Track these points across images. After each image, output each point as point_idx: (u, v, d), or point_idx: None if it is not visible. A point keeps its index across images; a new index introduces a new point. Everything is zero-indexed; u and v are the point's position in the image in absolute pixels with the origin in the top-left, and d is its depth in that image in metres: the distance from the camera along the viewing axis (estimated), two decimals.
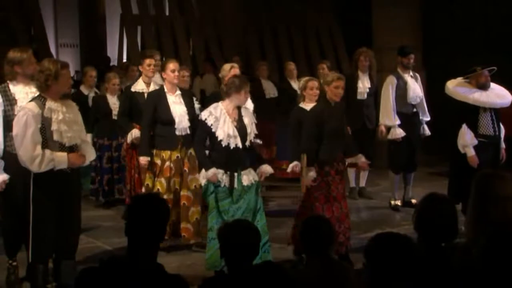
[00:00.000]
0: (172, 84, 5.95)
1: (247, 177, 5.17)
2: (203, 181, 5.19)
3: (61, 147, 4.50)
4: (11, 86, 5.00)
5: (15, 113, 4.80)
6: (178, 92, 6.01)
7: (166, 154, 5.90)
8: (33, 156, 4.40)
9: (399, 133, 7.33)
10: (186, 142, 5.92)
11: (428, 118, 7.62)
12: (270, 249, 5.20)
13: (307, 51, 12.51)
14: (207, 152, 5.32)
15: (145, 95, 6.44)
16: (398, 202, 7.64)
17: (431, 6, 10.62)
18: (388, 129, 7.41)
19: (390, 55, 8.37)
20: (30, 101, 4.60)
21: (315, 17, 12.61)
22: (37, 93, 4.66)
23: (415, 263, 2.79)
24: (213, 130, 5.08)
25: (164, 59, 7.49)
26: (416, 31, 10.17)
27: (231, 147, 5.09)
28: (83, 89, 8.32)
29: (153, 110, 5.91)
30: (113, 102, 7.68)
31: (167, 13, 12.17)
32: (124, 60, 11.68)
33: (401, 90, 7.38)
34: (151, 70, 6.62)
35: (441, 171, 8.71)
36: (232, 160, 5.09)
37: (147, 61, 6.55)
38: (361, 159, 5.79)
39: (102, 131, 7.78)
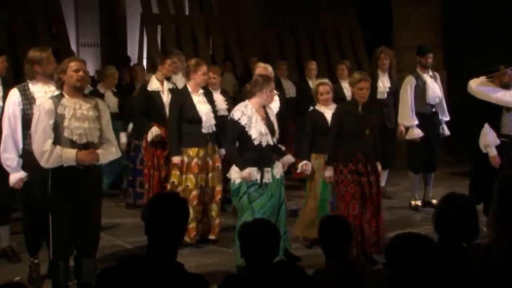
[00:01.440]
0: (197, 85, 6.13)
1: (278, 170, 5.38)
2: (237, 180, 5.27)
3: (73, 144, 4.49)
4: (30, 85, 5.05)
5: (34, 112, 4.85)
6: (201, 91, 6.19)
7: (193, 151, 6.06)
8: (42, 151, 4.44)
9: (417, 133, 7.29)
10: (212, 140, 6.15)
11: (447, 118, 7.57)
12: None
13: (327, 51, 12.47)
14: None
15: (161, 93, 6.60)
16: (418, 202, 7.59)
17: (452, 5, 10.53)
18: (407, 129, 7.37)
19: (409, 55, 8.32)
20: (49, 98, 4.64)
21: (334, 17, 12.58)
22: (57, 92, 4.71)
23: (435, 263, 2.77)
24: (246, 129, 5.22)
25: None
26: (437, 30, 10.10)
27: (263, 145, 5.23)
28: (100, 88, 8.38)
29: (180, 109, 6.06)
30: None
31: (187, 13, 12.20)
32: (145, 59, 11.76)
33: (420, 90, 7.34)
34: (171, 70, 6.73)
35: (461, 171, 8.63)
36: (264, 157, 5.26)
37: (169, 60, 6.75)
38: (378, 167, 5.77)
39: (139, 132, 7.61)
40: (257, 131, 5.21)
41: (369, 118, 5.66)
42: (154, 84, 6.74)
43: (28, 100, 5.00)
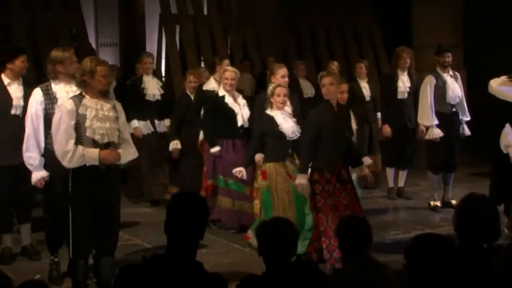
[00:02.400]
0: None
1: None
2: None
3: (95, 144, 4.53)
4: (53, 85, 5.09)
5: (55, 111, 4.88)
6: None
7: None
8: (65, 151, 4.46)
9: (437, 133, 7.24)
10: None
11: (468, 118, 7.51)
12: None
13: (346, 51, 12.42)
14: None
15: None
16: (438, 203, 7.54)
17: (473, 4, 10.43)
18: (427, 129, 7.33)
19: (429, 55, 8.26)
20: (69, 98, 4.67)
21: (354, 16, 12.52)
22: (78, 92, 4.73)
23: (456, 264, 2.75)
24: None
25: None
26: (458, 29, 10.02)
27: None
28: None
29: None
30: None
31: (205, 13, 12.22)
32: (163, 58, 11.80)
33: (440, 89, 7.29)
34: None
35: (481, 171, 8.56)
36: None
37: (227, 61, 7.22)
38: (365, 170, 5.60)
39: None
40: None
41: (346, 119, 5.53)
42: (210, 84, 7.06)
43: (50, 99, 5.04)
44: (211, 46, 11.46)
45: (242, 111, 6.52)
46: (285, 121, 5.81)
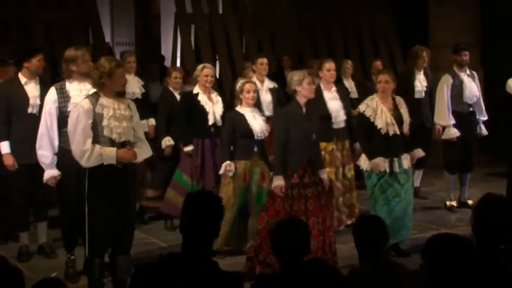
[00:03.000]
0: (328, 82, 6.48)
1: (406, 161, 5.64)
2: (365, 168, 5.65)
3: (112, 143, 4.55)
4: (67, 84, 5.13)
5: (69, 110, 4.91)
6: (334, 88, 6.55)
7: (322, 145, 6.19)
8: (83, 150, 4.48)
9: (454, 132, 7.19)
10: (342, 136, 6.49)
11: (485, 118, 7.44)
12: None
13: (361, 50, 12.37)
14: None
15: (259, 92, 6.94)
16: (454, 203, 7.49)
17: (490, 2, 10.35)
18: (444, 128, 7.28)
19: (446, 54, 8.20)
20: (85, 97, 4.69)
21: (369, 15, 12.47)
22: (92, 90, 4.75)
23: (473, 265, 2.73)
24: (371, 120, 5.57)
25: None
26: (475, 28, 9.94)
27: (390, 135, 5.54)
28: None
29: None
30: None
31: (220, 12, 12.23)
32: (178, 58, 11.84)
33: (457, 89, 7.24)
34: (263, 69, 7.23)
35: (499, 171, 8.48)
36: (392, 147, 5.53)
37: (260, 60, 7.19)
38: (323, 174, 5.39)
39: None
40: (383, 121, 5.45)
41: (315, 121, 5.40)
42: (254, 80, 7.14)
43: (64, 98, 5.08)
44: (226, 45, 11.47)
45: (214, 109, 6.43)
46: (255, 119, 5.74)
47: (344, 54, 11.89)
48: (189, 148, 6.41)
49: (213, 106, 6.43)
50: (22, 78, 5.60)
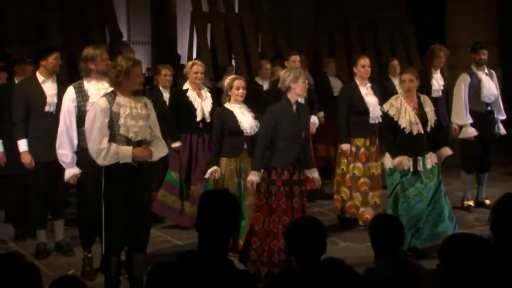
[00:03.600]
0: (363, 78, 6.57)
1: (430, 160, 5.57)
2: (388, 166, 5.67)
3: (128, 142, 4.56)
4: (85, 83, 5.16)
5: (88, 108, 4.93)
6: (369, 84, 6.62)
7: (360, 141, 6.47)
8: (99, 149, 4.49)
9: (471, 132, 7.13)
10: (377, 131, 6.53)
11: (503, 117, 7.38)
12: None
13: (378, 49, 12.32)
14: None
15: None
16: (471, 203, 7.43)
17: (508, 0, 10.25)
18: (461, 127, 7.22)
19: (463, 52, 8.15)
20: (102, 96, 4.70)
21: (386, 14, 12.41)
22: (109, 89, 4.77)
23: (491, 264, 2.70)
24: (395, 119, 5.58)
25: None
26: (493, 26, 9.85)
27: (414, 134, 5.55)
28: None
29: (348, 102, 6.49)
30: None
31: (236, 11, 12.24)
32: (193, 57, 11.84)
33: (475, 88, 7.18)
34: (296, 66, 7.09)
35: None
36: (416, 146, 5.54)
37: (293, 57, 7.26)
38: (314, 174, 5.34)
39: None
40: (407, 121, 5.52)
41: (305, 119, 5.28)
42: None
43: (82, 97, 5.11)
44: (242, 44, 11.48)
45: (203, 105, 6.41)
46: (243, 115, 5.69)
47: (361, 52, 11.84)
48: (176, 145, 6.43)
49: (202, 102, 6.43)
50: (40, 77, 5.64)
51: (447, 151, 5.82)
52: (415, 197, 5.59)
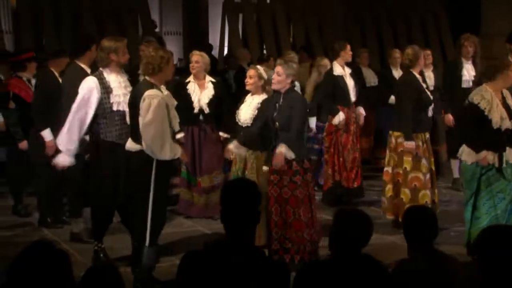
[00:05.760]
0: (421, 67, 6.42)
1: (510, 156, 5.40)
2: (469, 162, 5.35)
3: (173, 134, 4.64)
4: (105, 74, 5.02)
5: (111, 101, 4.92)
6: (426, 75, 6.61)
7: (422, 136, 6.17)
8: (163, 143, 4.51)
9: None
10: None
11: None
12: None
13: (411, 39, 12.16)
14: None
15: (344, 78, 7.10)
16: None
17: None
18: None
19: (499, 42, 7.98)
20: (148, 88, 4.58)
21: (420, 2, 12.24)
22: (127, 82, 4.84)
23: None
24: (486, 113, 5.24)
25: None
26: None
27: (502, 129, 5.28)
28: None
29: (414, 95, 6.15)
30: None
31: (268, 1, 12.20)
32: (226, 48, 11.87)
33: None
34: (351, 55, 7.34)
35: None
36: (502, 141, 5.32)
37: (349, 46, 7.26)
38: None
39: None
40: (498, 115, 5.27)
41: (285, 109, 5.12)
42: (337, 69, 7.14)
43: (105, 89, 4.97)
44: (273, 34, 11.45)
45: (200, 97, 6.38)
46: (248, 106, 5.62)
47: (393, 42, 11.72)
48: (179, 135, 6.41)
49: (200, 94, 6.40)
50: (85, 68, 5.63)
51: None
52: (499, 193, 5.32)
